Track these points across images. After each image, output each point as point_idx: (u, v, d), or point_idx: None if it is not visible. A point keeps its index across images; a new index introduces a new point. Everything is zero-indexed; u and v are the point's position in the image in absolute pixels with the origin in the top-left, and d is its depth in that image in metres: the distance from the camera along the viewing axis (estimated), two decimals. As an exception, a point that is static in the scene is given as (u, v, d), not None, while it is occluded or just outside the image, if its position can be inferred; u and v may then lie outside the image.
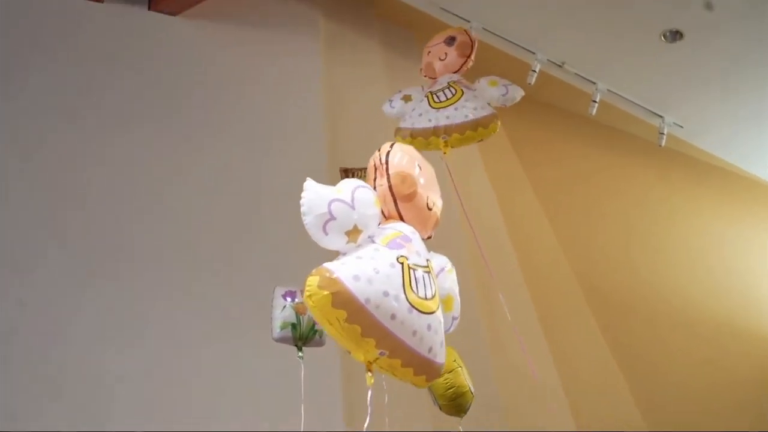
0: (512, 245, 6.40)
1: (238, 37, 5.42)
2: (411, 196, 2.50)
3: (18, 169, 4.46)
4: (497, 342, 5.72)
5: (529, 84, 5.82)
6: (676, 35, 5.65)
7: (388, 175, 2.55)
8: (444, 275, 2.60)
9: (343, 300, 2.16)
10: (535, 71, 5.78)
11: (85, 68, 4.89)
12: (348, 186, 2.46)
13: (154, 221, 4.69)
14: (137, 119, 4.92)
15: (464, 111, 3.71)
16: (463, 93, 3.79)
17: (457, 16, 5.61)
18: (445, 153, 3.67)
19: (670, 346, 6.79)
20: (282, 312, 3.43)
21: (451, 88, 3.82)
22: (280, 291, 3.51)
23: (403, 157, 2.60)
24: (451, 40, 4.00)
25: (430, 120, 3.69)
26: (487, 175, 6.55)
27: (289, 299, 3.47)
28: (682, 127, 6.41)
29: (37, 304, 4.17)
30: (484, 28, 5.63)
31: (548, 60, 5.85)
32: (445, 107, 3.72)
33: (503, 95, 3.92)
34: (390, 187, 2.53)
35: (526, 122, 7.03)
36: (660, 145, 6.20)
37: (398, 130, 3.79)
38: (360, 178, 3.82)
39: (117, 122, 4.85)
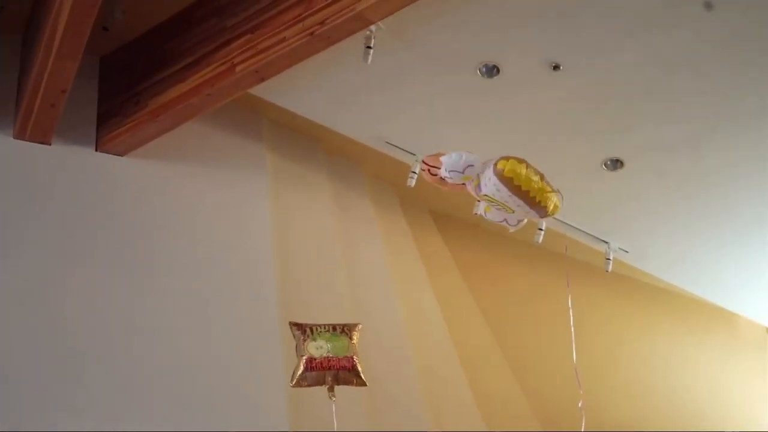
0: (460, 363, 6.39)
1: (186, 174, 5.44)
2: None
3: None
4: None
5: (476, 214, 5.89)
6: (616, 163, 5.79)
7: None
8: None
9: None
10: (480, 201, 5.86)
11: (34, 209, 4.88)
12: None
13: (100, 364, 4.63)
14: (86, 258, 4.89)
15: None
16: None
17: (402, 149, 5.70)
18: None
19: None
20: None
21: None
22: None
23: None
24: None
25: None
26: (434, 291, 6.58)
27: None
28: (627, 252, 6.50)
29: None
30: (429, 162, 5.72)
31: (494, 190, 5.93)
32: None
33: None
34: None
35: (474, 249, 7.11)
36: (607, 271, 6.27)
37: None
38: (311, 333, 3.93)
39: (65, 262, 4.82)
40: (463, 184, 3.92)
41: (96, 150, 5.22)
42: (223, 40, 4.78)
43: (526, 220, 3.91)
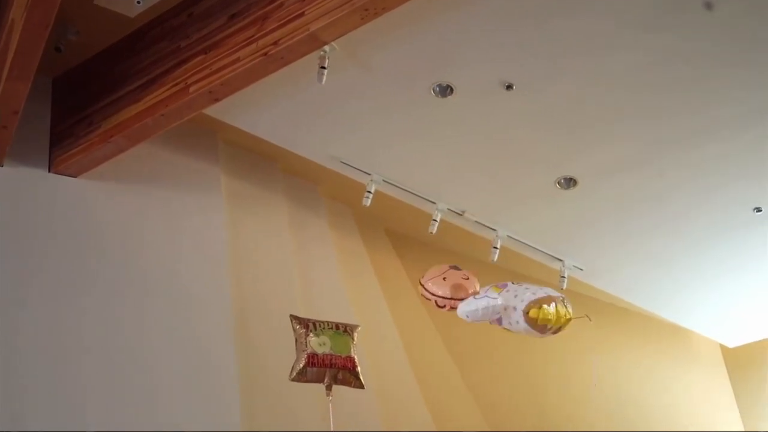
0: (416, 381, 6.40)
1: (140, 196, 5.41)
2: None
3: None
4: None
5: (431, 233, 5.93)
6: (570, 182, 5.84)
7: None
8: None
9: None
10: (436, 220, 5.90)
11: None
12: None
13: (55, 393, 4.59)
14: (39, 278, 4.84)
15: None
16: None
17: (358, 169, 5.72)
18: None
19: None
20: None
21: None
22: None
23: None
24: (456, 267, 4.20)
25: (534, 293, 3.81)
26: (389, 309, 6.59)
27: None
28: (582, 269, 6.57)
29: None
30: (384, 180, 5.75)
31: (449, 209, 5.98)
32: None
33: None
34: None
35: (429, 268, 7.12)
36: (562, 288, 6.32)
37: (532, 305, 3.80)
38: (314, 328, 3.92)
39: (17, 282, 4.77)
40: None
41: (49, 171, 5.18)
42: (176, 60, 4.77)
43: None
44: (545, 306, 3.73)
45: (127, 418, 4.69)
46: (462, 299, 4.07)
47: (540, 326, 3.72)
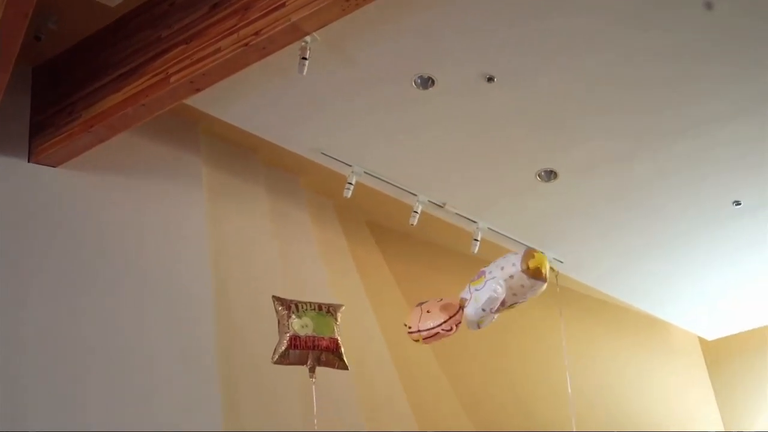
0: (398, 375, 6.40)
1: (120, 186, 5.37)
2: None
3: None
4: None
5: (412, 225, 5.94)
6: (550, 174, 5.86)
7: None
8: None
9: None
10: (416, 212, 5.91)
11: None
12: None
13: (35, 384, 4.58)
14: (14, 273, 4.81)
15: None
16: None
17: (338, 160, 5.72)
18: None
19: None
20: None
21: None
22: None
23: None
24: (424, 302, 4.16)
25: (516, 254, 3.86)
26: (370, 303, 6.59)
27: None
28: (562, 262, 6.60)
29: None
30: (365, 172, 5.75)
31: (429, 201, 5.98)
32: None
33: None
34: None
35: (410, 260, 7.13)
36: (544, 280, 6.34)
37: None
38: (296, 309, 3.89)
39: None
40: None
41: (28, 161, 5.14)
42: (157, 50, 4.75)
43: None
44: (535, 255, 3.76)
45: (119, 414, 4.72)
46: (458, 313, 4.03)
47: (544, 274, 3.73)
